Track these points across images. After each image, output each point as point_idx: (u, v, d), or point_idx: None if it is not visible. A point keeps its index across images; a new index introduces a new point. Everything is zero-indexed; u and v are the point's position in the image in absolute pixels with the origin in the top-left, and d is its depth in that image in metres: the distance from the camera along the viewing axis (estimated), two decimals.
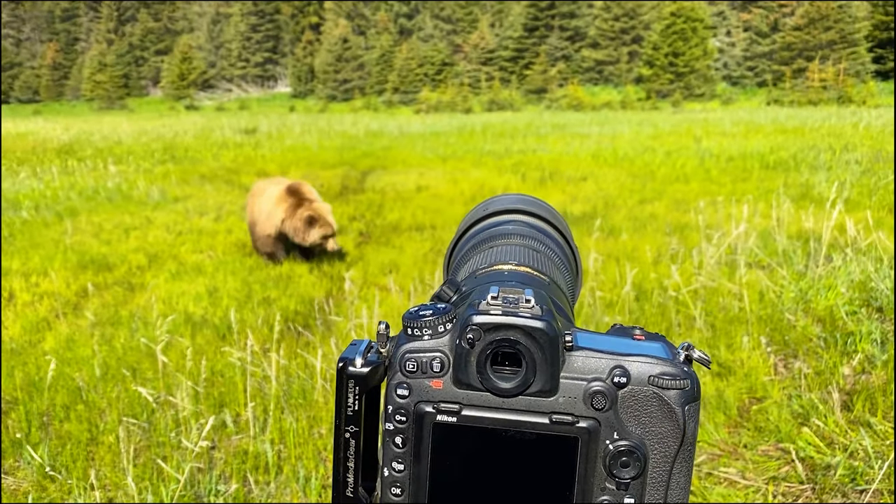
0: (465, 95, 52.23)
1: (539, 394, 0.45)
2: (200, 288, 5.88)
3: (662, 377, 0.44)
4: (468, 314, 0.45)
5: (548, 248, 0.67)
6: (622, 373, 0.44)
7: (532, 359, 0.44)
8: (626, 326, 0.50)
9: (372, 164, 14.44)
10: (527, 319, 0.44)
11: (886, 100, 40.54)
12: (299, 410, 3.60)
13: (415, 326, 0.46)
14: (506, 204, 0.75)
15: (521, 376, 0.44)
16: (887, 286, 5.03)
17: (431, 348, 0.46)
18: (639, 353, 0.45)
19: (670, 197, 9.60)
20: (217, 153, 16.55)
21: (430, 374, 0.46)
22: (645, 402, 0.44)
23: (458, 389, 0.45)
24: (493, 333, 0.44)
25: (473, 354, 0.44)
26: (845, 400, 3.62)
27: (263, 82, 75.66)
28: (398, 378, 0.46)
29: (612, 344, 0.46)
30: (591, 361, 0.45)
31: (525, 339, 0.44)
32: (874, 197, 8.72)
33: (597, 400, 0.44)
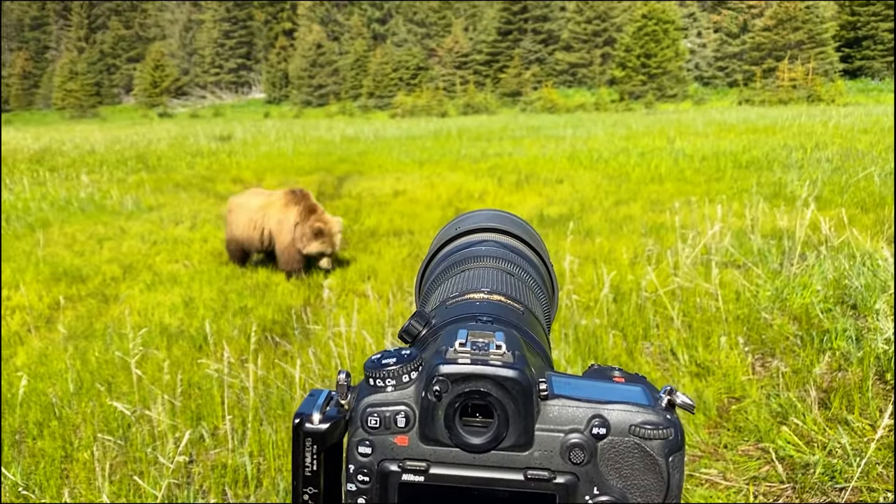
0: (441, 99, 52.24)
1: (512, 448, 0.42)
2: (176, 298, 5.81)
3: (644, 426, 0.41)
4: (434, 363, 0.41)
5: (522, 271, 0.64)
6: (601, 423, 0.41)
7: (504, 411, 0.41)
8: (605, 367, 0.46)
9: (348, 169, 14.38)
10: (497, 368, 0.41)
11: (854, 98, 41.22)
12: (278, 422, 3.56)
13: (377, 377, 0.43)
14: (478, 222, 0.72)
15: (492, 430, 0.41)
16: (861, 283, 5.10)
17: (395, 401, 0.42)
18: (618, 399, 0.42)
19: (645, 198, 9.66)
20: (191, 161, 16.39)
21: (394, 430, 0.42)
22: (626, 453, 0.41)
23: (425, 446, 0.42)
24: (461, 384, 0.41)
25: (441, 408, 0.41)
26: (822, 398, 3.65)
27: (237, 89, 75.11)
28: (360, 434, 0.43)
29: (590, 390, 0.43)
30: (567, 411, 0.42)
31: (496, 389, 0.40)
32: (845, 194, 8.84)
33: (575, 454, 0.41)
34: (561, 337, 4.39)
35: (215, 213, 9.90)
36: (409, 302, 5.27)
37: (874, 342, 4.06)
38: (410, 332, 0.50)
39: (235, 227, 6.61)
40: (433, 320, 0.52)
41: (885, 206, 7.88)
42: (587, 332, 4.49)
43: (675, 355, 4.32)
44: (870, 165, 10.79)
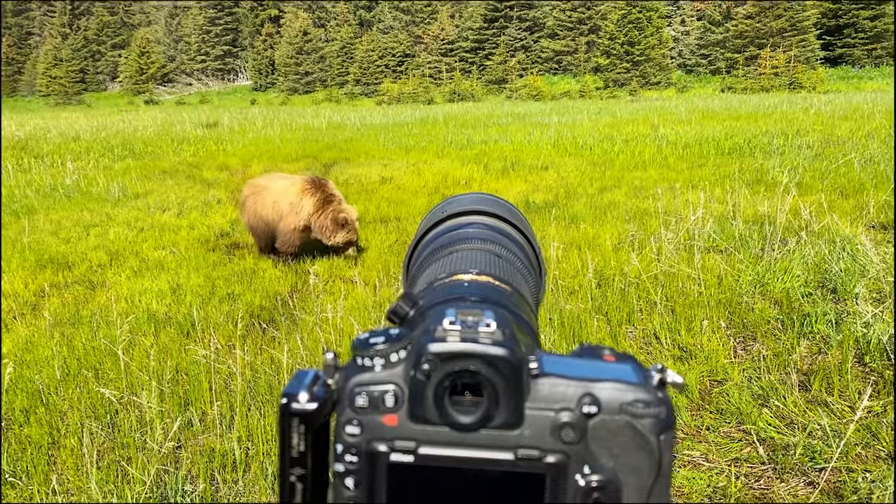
0: (427, 86, 52.07)
1: (503, 427, 0.41)
2: (163, 285, 5.80)
3: (635, 404, 0.40)
4: (423, 342, 0.41)
5: (510, 253, 0.64)
6: (592, 401, 0.41)
7: (494, 389, 0.40)
8: (595, 346, 0.46)
9: (335, 156, 14.34)
10: (487, 346, 0.40)
11: (835, 86, 41.52)
12: (266, 407, 3.58)
13: (365, 355, 0.42)
14: (465, 205, 0.73)
15: (482, 409, 0.40)
16: (840, 268, 5.18)
17: (383, 380, 0.41)
18: (609, 377, 0.42)
19: (629, 184, 9.72)
20: (178, 148, 16.27)
21: (382, 409, 0.41)
22: (617, 431, 0.41)
23: (414, 425, 0.41)
24: (450, 363, 0.40)
25: (430, 386, 0.40)
26: (803, 380, 3.72)
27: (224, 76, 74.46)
28: (347, 414, 0.42)
29: (580, 368, 0.42)
30: (558, 389, 0.41)
31: (486, 368, 0.40)
32: (825, 180, 8.93)
33: (565, 432, 0.40)
34: (546, 321, 4.44)
35: (202, 199, 9.86)
36: (397, 287, 5.30)
37: (853, 326, 4.14)
38: (398, 313, 0.50)
39: (262, 208, 6.55)
40: (421, 301, 0.52)
41: (864, 191, 7.98)
42: (572, 316, 4.54)
43: (659, 339, 4.38)
44: (850, 152, 10.90)
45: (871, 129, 13.85)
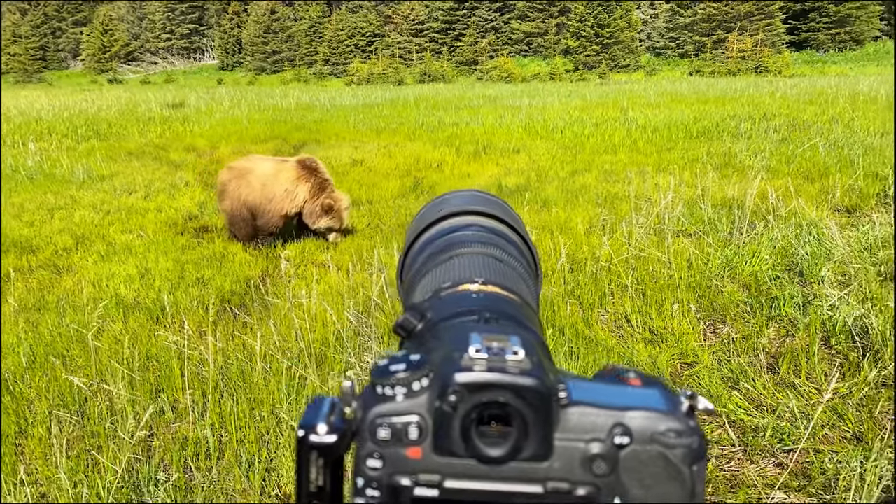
0: (397, 67, 51.69)
1: (531, 459, 0.39)
2: (131, 269, 5.70)
3: (667, 434, 0.39)
4: (448, 371, 0.39)
5: (510, 256, 0.63)
6: (623, 431, 0.39)
7: (523, 421, 0.38)
8: (619, 368, 0.44)
9: (304, 137, 14.18)
10: (516, 376, 0.38)
11: (800, 70, 42.11)
12: (239, 393, 3.56)
13: (385, 384, 0.40)
14: (459, 205, 0.71)
15: (511, 441, 0.39)
16: (807, 251, 5.27)
17: (406, 411, 0.39)
18: (639, 405, 0.40)
19: (599, 168, 9.77)
20: (144, 128, 15.95)
21: (405, 442, 0.39)
22: (649, 462, 0.39)
23: (438, 458, 0.39)
24: (478, 394, 0.38)
25: (456, 418, 0.39)
26: (771, 363, 3.79)
27: (190, 54, 72.99)
28: (369, 447, 0.40)
29: (609, 395, 0.41)
30: (588, 418, 0.40)
31: (515, 399, 0.38)
32: (792, 164, 9.07)
33: (597, 464, 0.39)
34: None
35: (169, 181, 9.70)
36: (370, 272, 5.27)
37: (820, 309, 4.22)
38: (406, 327, 0.49)
39: (248, 193, 6.41)
40: (428, 314, 0.51)
41: (829, 175, 8.12)
42: (545, 300, 4.56)
43: (630, 322, 4.43)
44: (815, 136, 11.08)
45: (834, 114, 14.08)
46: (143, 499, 2.86)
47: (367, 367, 3.73)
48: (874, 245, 5.45)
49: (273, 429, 3.29)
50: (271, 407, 3.42)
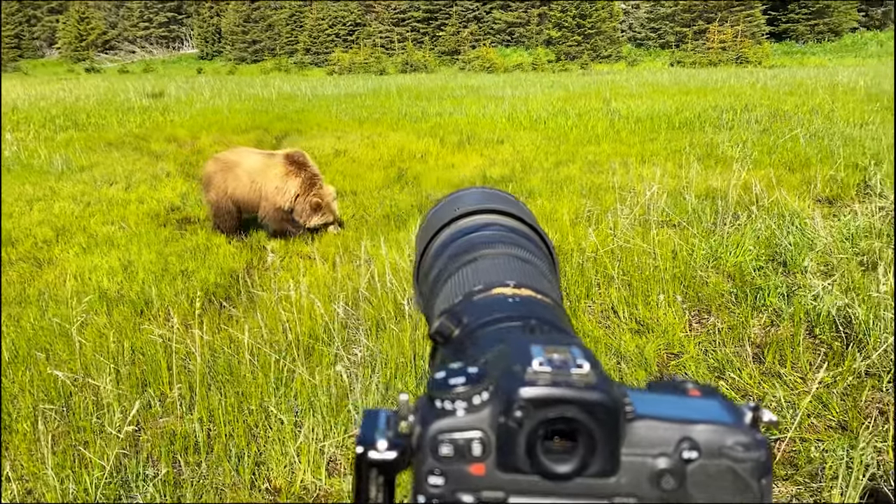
0: (379, 56, 51.40)
1: (597, 475, 0.38)
2: (114, 262, 5.64)
3: (735, 447, 0.38)
4: (512, 385, 0.38)
5: (534, 256, 0.62)
6: (691, 446, 0.38)
7: (591, 436, 0.38)
8: (675, 378, 0.44)
9: (286, 128, 14.08)
10: (583, 391, 0.37)
11: (780, 60, 42.42)
12: (227, 387, 3.53)
13: (445, 398, 0.39)
14: (476, 203, 0.70)
15: (578, 457, 0.38)
16: (790, 242, 5.32)
17: (468, 426, 0.38)
18: (705, 418, 0.39)
19: (583, 159, 9.79)
20: (123, 118, 15.74)
21: (468, 458, 0.38)
22: (717, 476, 0.38)
23: (502, 475, 0.38)
24: (545, 410, 0.37)
25: (522, 434, 0.38)
26: (757, 353, 3.83)
27: (168, 43, 72.03)
28: (430, 463, 0.38)
29: (673, 408, 0.40)
30: (654, 432, 0.39)
31: (583, 414, 0.37)
32: (773, 155, 9.14)
33: (665, 480, 0.38)
34: None
35: (150, 172, 9.59)
36: (357, 265, 5.25)
37: (804, 299, 4.27)
38: (443, 333, 0.49)
39: (235, 186, 6.35)
40: (464, 318, 0.50)
41: (810, 166, 8.20)
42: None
43: (616, 313, 4.45)
44: (796, 127, 11.17)
45: (814, 105, 14.20)
46: (132, 494, 2.83)
47: (356, 359, 3.73)
48: (856, 235, 5.51)
49: (262, 422, 3.28)
50: (259, 400, 3.40)
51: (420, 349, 3.80)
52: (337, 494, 2.89)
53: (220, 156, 6.74)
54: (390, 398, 3.45)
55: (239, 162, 6.43)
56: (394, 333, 3.92)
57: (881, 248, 5.05)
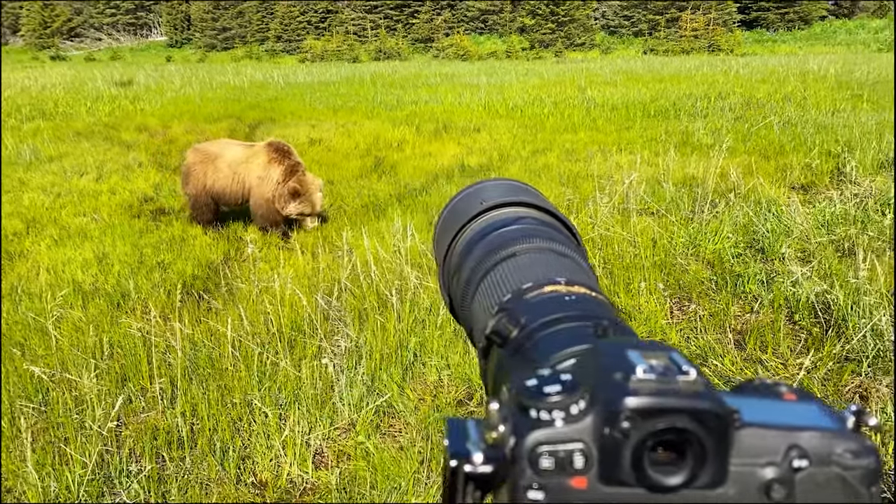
0: (351, 44, 50.94)
1: (705, 486, 0.37)
2: (87, 254, 5.53)
3: (844, 455, 0.37)
4: (616, 395, 0.36)
5: (571, 250, 0.60)
6: (800, 453, 0.37)
7: (702, 447, 0.36)
8: (764, 381, 0.42)
9: (260, 116, 13.91)
10: (692, 399, 0.36)
11: (751, 48, 42.83)
12: (209, 381, 3.49)
13: (541, 407, 0.37)
14: (501, 195, 0.68)
15: (687, 468, 0.36)
16: (767, 228, 5.38)
17: (568, 437, 0.36)
18: (810, 424, 0.38)
19: (561, 147, 9.80)
20: (92, 107, 15.42)
21: (570, 472, 0.36)
22: (826, 485, 0.37)
23: (605, 488, 0.37)
24: (653, 420, 0.35)
25: (628, 446, 0.36)
26: (738, 339, 3.87)
27: (136, 31, 70.69)
28: (529, 477, 0.36)
29: (775, 414, 0.38)
30: (761, 441, 0.37)
31: (693, 424, 0.35)
32: (748, 143, 9.23)
33: (775, 489, 0.37)
34: None
35: (122, 162, 9.42)
36: (338, 255, 5.21)
37: (783, 285, 4.32)
38: (501, 333, 0.47)
39: (214, 178, 6.18)
40: (521, 318, 0.48)
41: (784, 153, 8.29)
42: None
43: None
44: (769, 114, 11.29)
45: (787, 93, 14.36)
46: (115, 491, 2.79)
47: (341, 351, 3.70)
48: (831, 221, 5.59)
49: (246, 416, 3.24)
50: (243, 393, 3.36)
51: (405, 340, 3.79)
52: (324, 487, 2.86)
53: (199, 147, 6.59)
54: (376, 389, 3.43)
55: (220, 154, 6.30)
56: (378, 324, 3.90)
57: (857, 234, 5.12)
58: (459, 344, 3.80)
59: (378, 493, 2.76)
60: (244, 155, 6.20)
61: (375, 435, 3.15)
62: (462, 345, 3.79)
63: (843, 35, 45.65)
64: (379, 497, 2.74)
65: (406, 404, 3.35)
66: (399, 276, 4.43)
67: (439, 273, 0.68)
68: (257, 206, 6.12)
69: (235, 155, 6.22)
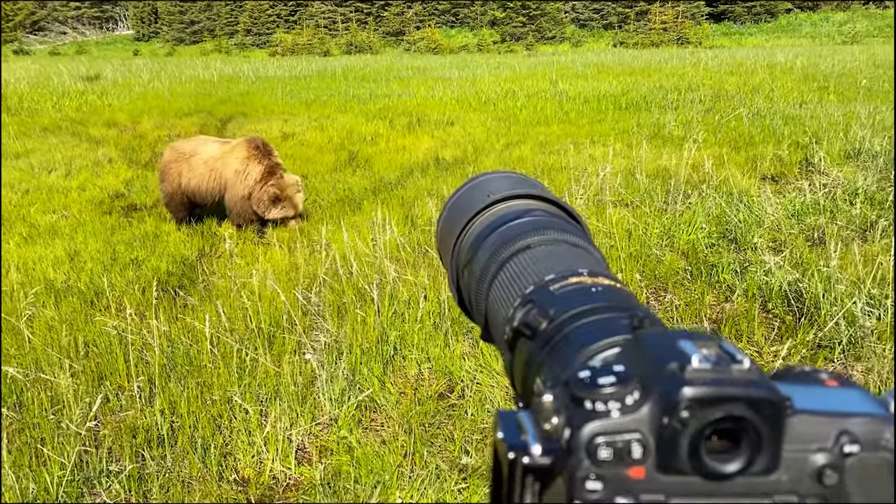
0: (322, 37, 50.56)
1: (759, 473, 0.37)
2: (58, 252, 5.44)
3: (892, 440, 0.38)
4: (674, 386, 0.36)
5: (584, 242, 0.60)
6: (851, 439, 0.38)
7: (758, 435, 0.36)
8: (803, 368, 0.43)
9: (231, 111, 13.75)
10: (748, 388, 0.36)
11: (719, 41, 43.35)
12: (188, 378, 3.45)
13: (596, 398, 0.37)
14: (507, 188, 0.68)
15: (743, 456, 0.37)
16: (739, 219, 5.46)
17: (626, 428, 0.37)
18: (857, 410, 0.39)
19: (534, 140, 9.84)
20: (58, 102, 15.12)
21: (628, 462, 0.37)
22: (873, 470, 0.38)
23: (663, 477, 0.37)
24: (711, 410, 0.36)
25: (686, 435, 0.36)
26: (713, 328, 3.92)
27: (102, 24, 69.40)
28: (587, 468, 0.37)
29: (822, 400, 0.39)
30: (812, 427, 0.38)
31: (749, 412, 0.36)
32: (718, 134, 9.34)
33: (827, 475, 0.37)
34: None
35: (91, 158, 9.26)
36: (312, 249, 5.18)
37: (756, 274, 4.39)
38: (531, 325, 0.47)
39: (190, 177, 6.05)
40: (550, 310, 0.48)
41: (754, 145, 8.41)
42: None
43: None
44: (738, 106, 11.43)
45: (755, 85, 14.56)
46: (95, 491, 2.75)
47: (320, 345, 3.68)
48: (801, 211, 5.68)
49: (226, 413, 3.21)
50: (223, 390, 3.33)
51: (385, 334, 3.78)
52: (307, 483, 2.86)
53: (176, 145, 6.48)
54: (357, 384, 3.43)
55: (196, 151, 6.19)
56: (358, 318, 3.89)
57: (826, 224, 5.22)
58: (439, 337, 3.80)
59: (362, 488, 2.76)
60: (221, 151, 6.10)
61: (357, 429, 3.15)
62: (442, 338, 3.80)
63: (808, 28, 46.43)
64: (363, 491, 2.75)
65: (387, 398, 3.35)
66: (378, 269, 4.42)
67: (447, 267, 0.68)
68: (233, 203, 6.01)
69: (212, 151, 6.13)
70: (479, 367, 3.57)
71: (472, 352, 3.73)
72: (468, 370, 3.55)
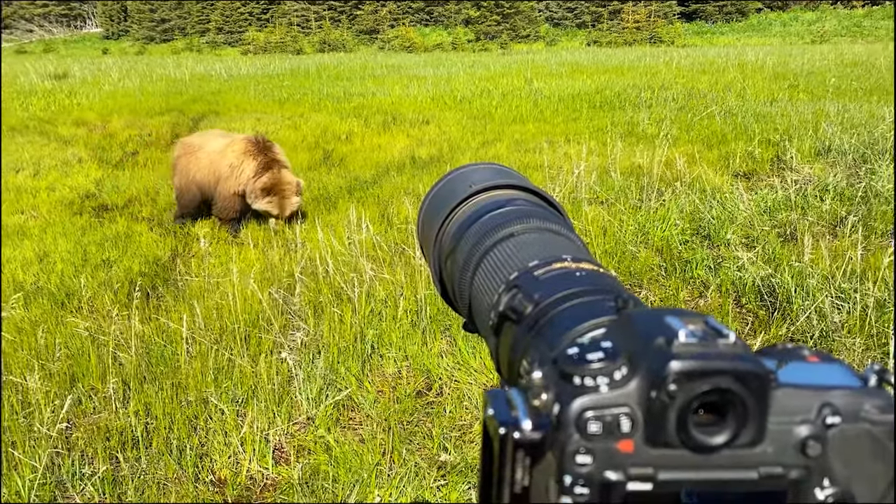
0: (295, 35, 50.22)
1: (744, 445, 0.38)
2: (28, 253, 5.35)
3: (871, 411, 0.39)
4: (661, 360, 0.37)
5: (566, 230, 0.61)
6: (833, 411, 0.38)
7: (744, 407, 0.37)
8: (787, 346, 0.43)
9: (203, 109, 13.60)
10: (735, 361, 0.37)
11: (691, 40, 43.81)
12: (162, 378, 3.41)
13: (585, 374, 0.38)
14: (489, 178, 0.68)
15: (730, 429, 0.38)
16: (713, 215, 5.52)
17: (615, 402, 0.37)
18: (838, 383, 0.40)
19: (510, 138, 9.86)
20: (25, 102, 14.85)
21: (617, 435, 0.37)
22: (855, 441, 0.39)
23: (651, 450, 0.38)
24: (698, 382, 0.36)
25: (673, 408, 0.37)
26: None
27: (70, 22, 68.28)
28: (576, 442, 0.37)
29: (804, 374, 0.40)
30: (795, 400, 0.39)
31: (736, 384, 0.37)
32: (691, 132, 9.44)
33: (810, 446, 0.38)
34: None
35: (60, 158, 9.11)
36: (286, 249, 5.14)
37: (729, 270, 4.44)
38: (517, 309, 0.48)
39: (196, 170, 6.01)
40: (535, 294, 0.49)
41: (727, 142, 8.51)
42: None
43: None
44: (711, 104, 11.56)
45: (727, 83, 14.73)
46: (68, 494, 2.71)
47: (296, 345, 3.66)
48: (773, 208, 5.76)
49: (202, 413, 3.18)
50: (198, 391, 3.29)
51: (362, 332, 3.77)
52: (285, 483, 2.84)
53: (184, 140, 6.50)
54: (335, 382, 3.41)
55: (202, 145, 6.15)
56: (335, 317, 3.87)
57: (798, 220, 5.29)
58: (417, 335, 3.80)
59: (341, 487, 2.75)
60: (222, 145, 6.06)
61: (336, 428, 3.14)
62: (420, 336, 3.79)
63: (778, 27, 47.07)
64: (342, 490, 2.73)
65: (365, 397, 3.34)
66: (354, 268, 4.40)
67: (430, 257, 0.68)
68: (221, 196, 5.95)
69: (216, 146, 6.08)
70: (457, 364, 3.57)
71: (449, 350, 3.73)
72: (446, 368, 3.55)
